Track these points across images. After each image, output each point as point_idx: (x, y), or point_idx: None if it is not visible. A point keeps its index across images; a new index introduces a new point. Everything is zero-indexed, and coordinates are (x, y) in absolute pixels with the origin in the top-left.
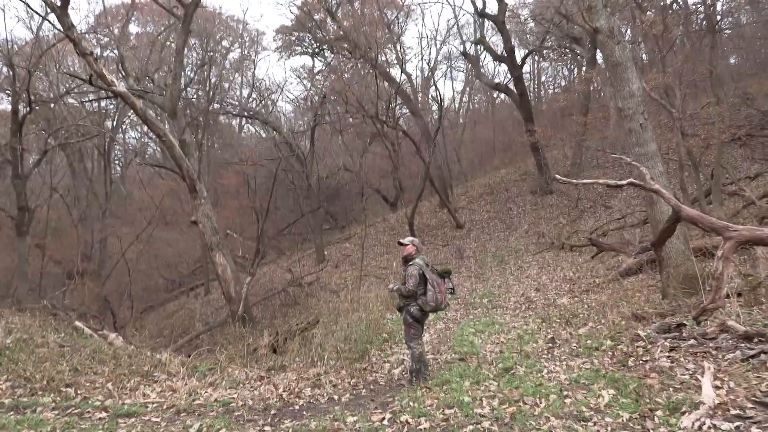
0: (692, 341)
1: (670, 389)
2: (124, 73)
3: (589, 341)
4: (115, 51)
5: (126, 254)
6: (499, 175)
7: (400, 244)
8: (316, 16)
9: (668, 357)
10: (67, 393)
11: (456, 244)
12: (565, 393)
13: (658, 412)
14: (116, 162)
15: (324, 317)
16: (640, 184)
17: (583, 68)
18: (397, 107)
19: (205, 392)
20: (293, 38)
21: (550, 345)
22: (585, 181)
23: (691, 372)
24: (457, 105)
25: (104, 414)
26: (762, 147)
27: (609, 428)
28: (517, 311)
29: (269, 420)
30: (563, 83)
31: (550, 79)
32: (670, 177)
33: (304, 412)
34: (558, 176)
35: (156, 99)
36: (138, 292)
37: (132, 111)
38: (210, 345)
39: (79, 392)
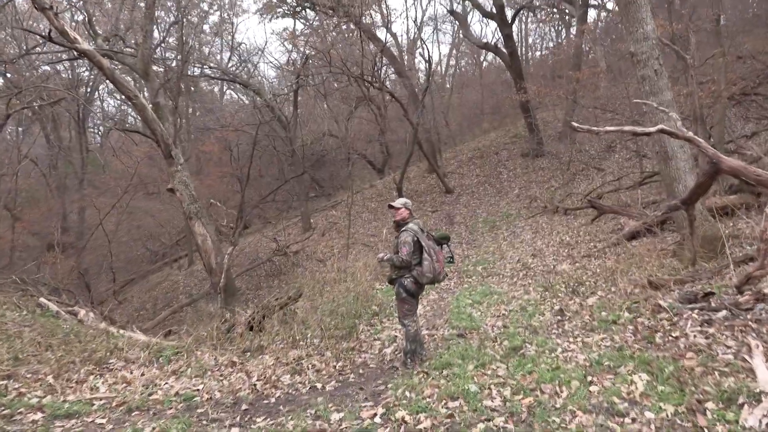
0: (724, 312)
1: (716, 373)
2: (92, 33)
3: (603, 313)
4: (83, 10)
5: (105, 225)
6: (488, 139)
7: (391, 207)
8: None
9: (701, 332)
10: (0, 387)
11: (446, 210)
12: (588, 378)
13: (709, 404)
14: (95, 131)
15: (309, 289)
16: (671, 131)
17: (573, 27)
18: (384, 68)
19: (166, 384)
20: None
21: (559, 317)
22: (608, 128)
23: (734, 351)
24: (443, 69)
25: (39, 415)
26: (756, 106)
27: (652, 426)
28: (515, 279)
29: (238, 418)
30: (551, 45)
31: (538, 41)
32: None
33: (281, 407)
34: (575, 123)
35: (127, 60)
36: (120, 265)
37: (100, 71)
38: (193, 318)
39: (15, 387)
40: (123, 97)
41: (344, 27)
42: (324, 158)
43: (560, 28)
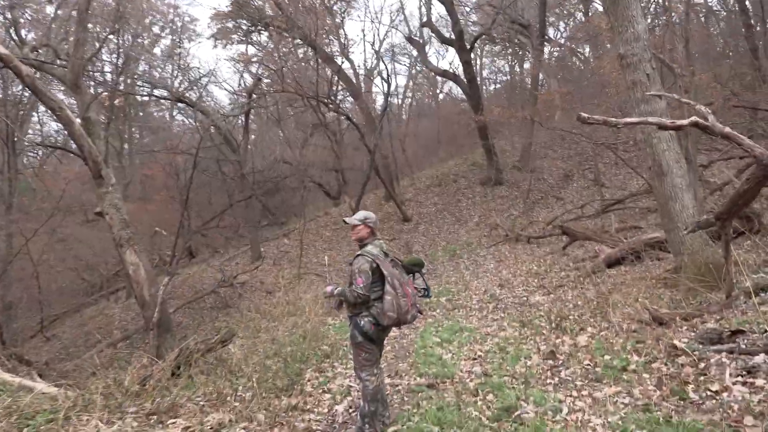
0: (763, 357)
1: None
2: (19, 41)
3: (605, 356)
4: (7, 14)
5: (33, 255)
6: (446, 167)
7: (346, 223)
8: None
9: (746, 384)
10: None
11: (404, 239)
12: None
13: None
14: (34, 153)
15: (253, 324)
16: (706, 125)
17: (526, 62)
18: (339, 92)
19: None
20: (229, 26)
21: (551, 362)
22: (627, 120)
23: None
24: (400, 100)
25: None
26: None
27: None
28: (485, 312)
29: None
30: (505, 78)
31: (492, 76)
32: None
33: None
34: (583, 114)
35: (56, 71)
36: (52, 297)
37: (18, 78)
38: (128, 357)
39: None
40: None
41: (299, 51)
42: (277, 185)
43: (514, 63)
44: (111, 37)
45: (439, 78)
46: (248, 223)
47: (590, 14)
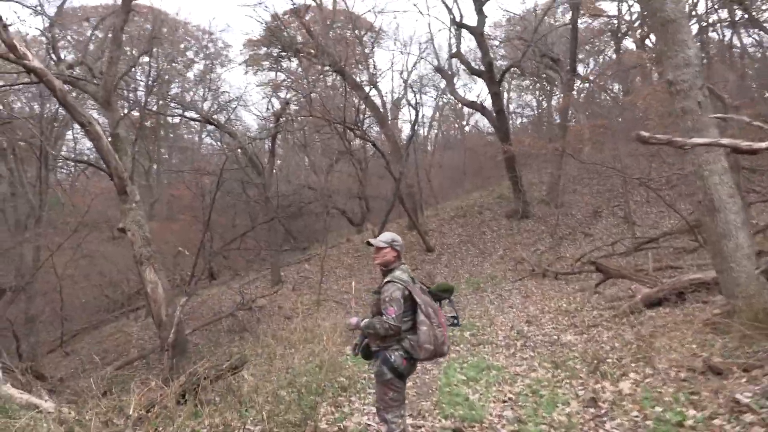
0: None
1: None
2: (56, 58)
3: (656, 407)
4: (47, 33)
5: (58, 269)
6: (471, 198)
7: (370, 245)
8: (287, 30)
9: None
10: None
11: (426, 269)
12: None
13: None
14: (65, 169)
15: (269, 350)
16: None
17: (555, 97)
18: (366, 120)
19: None
20: (260, 52)
21: (593, 410)
22: (697, 140)
23: None
24: (426, 131)
25: None
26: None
27: None
28: (512, 350)
29: None
30: (533, 114)
31: (519, 110)
32: None
33: None
34: (643, 133)
35: (89, 88)
36: (74, 312)
37: (51, 93)
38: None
39: None
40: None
41: (328, 79)
42: (300, 210)
43: (542, 98)
44: (145, 58)
45: (465, 110)
46: (270, 246)
47: (621, 51)
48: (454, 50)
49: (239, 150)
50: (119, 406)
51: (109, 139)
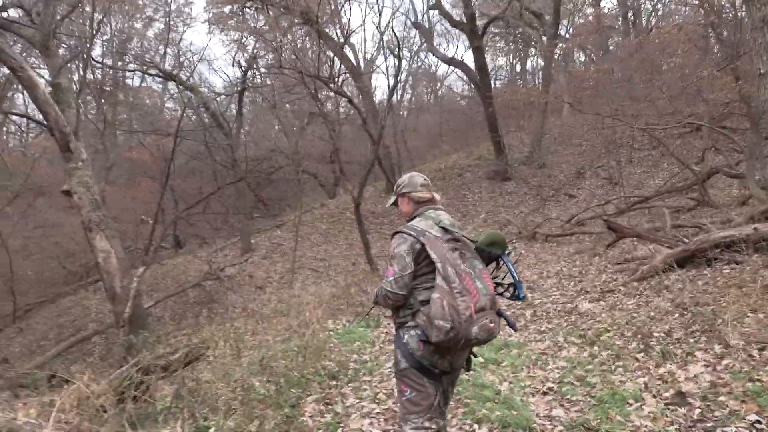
0: None
1: None
2: None
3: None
4: None
5: (4, 239)
6: (450, 160)
7: (396, 205)
8: None
9: None
10: None
11: None
12: None
13: None
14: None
15: (240, 325)
16: None
17: (531, 58)
18: (340, 78)
19: None
20: (225, 10)
21: (683, 409)
22: None
23: None
24: (399, 96)
25: None
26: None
27: None
28: (523, 321)
29: None
30: (507, 76)
31: (493, 73)
32: None
33: None
34: None
35: (25, 32)
36: (30, 286)
37: None
38: (104, 352)
39: None
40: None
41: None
42: (271, 176)
43: (516, 61)
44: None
45: (440, 73)
46: (239, 211)
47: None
48: (432, 2)
49: (202, 108)
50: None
51: (49, 89)
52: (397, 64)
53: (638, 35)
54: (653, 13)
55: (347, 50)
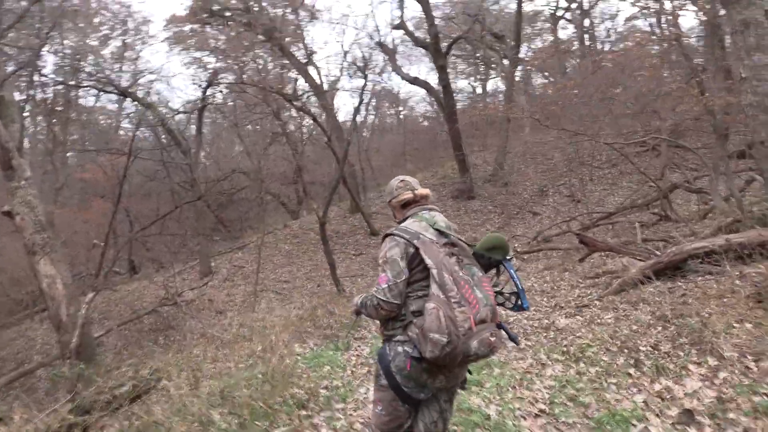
0: None
1: None
2: None
3: None
4: None
5: None
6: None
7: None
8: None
9: None
10: None
11: (371, 253)
12: None
13: None
14: None
15: (199, 351)
16: None
17: (491, 79)
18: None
19: None
20: (185, 29)
21: (692, 430)
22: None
23: None
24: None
25: None
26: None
27: None
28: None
29: None
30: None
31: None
32: None
33: None
34: None
35: None
36: None
37: None
38: (49, 387)
39: None
40: None
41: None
42: (232, 197)
43: (477, 83)
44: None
45: (402, 94)
46: (198, 233)
47: (558, 33)
48: (396, 22)
49: (160, 127)
50: None
51: None
52: (364, 80)
53: (595, 58)
54: (608, 36)
55: (311, 69)
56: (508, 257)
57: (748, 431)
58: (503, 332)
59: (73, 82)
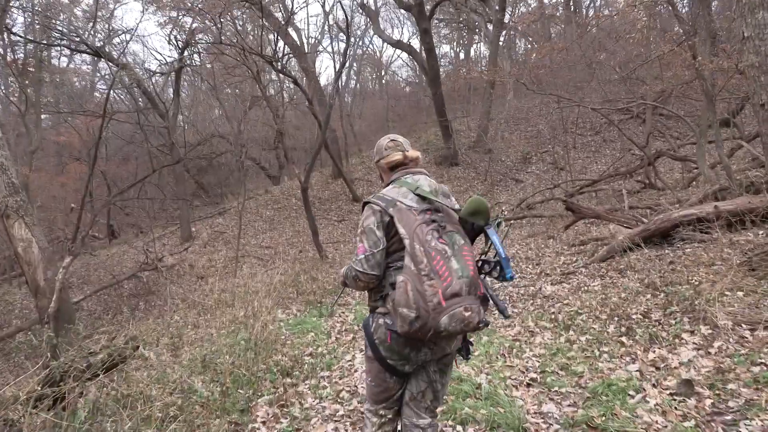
0: None
1: None
2: None
3: None
4: None
5: None
6: None
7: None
8: None
9: None
10: None
11: (354, 220)
12: None
13: None
14: None
15: (179, 317)
16: None
17: (475, 45)
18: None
19: None
20: None
21: (692, 400)
22: None
23: None
24: (343, 82)
25: None
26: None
27: None
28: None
29: None
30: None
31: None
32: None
33: None
34: None
35: None
36: None
37: None
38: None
39: None
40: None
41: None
42: (212, 162)
43: (459, 49)
44: None
45: (384, 59)
46: (178, 198)
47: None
48: None
49: (136, 88)
50: None
51: None
52: (345, 39)
53: (579, 24)
54: (591, 3)
55: (291, 31)
56: (495, 223)
57: (751, 403)
58: (490, 304)
59: (44, 42)
